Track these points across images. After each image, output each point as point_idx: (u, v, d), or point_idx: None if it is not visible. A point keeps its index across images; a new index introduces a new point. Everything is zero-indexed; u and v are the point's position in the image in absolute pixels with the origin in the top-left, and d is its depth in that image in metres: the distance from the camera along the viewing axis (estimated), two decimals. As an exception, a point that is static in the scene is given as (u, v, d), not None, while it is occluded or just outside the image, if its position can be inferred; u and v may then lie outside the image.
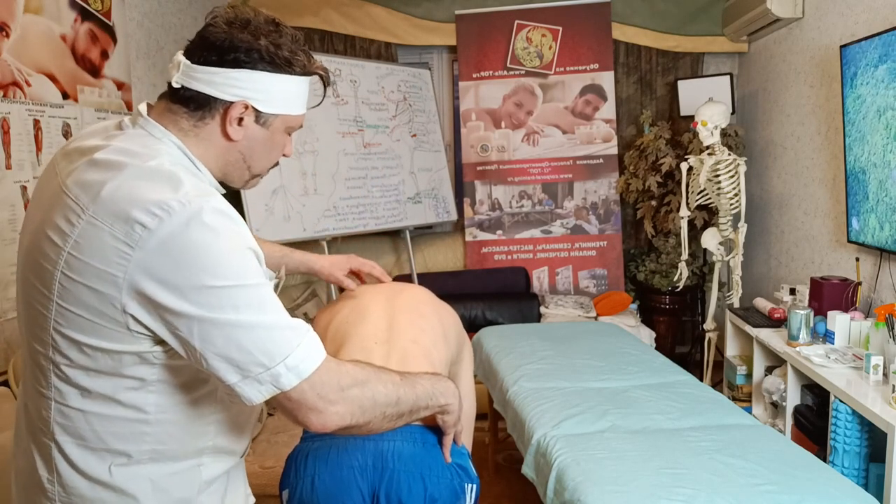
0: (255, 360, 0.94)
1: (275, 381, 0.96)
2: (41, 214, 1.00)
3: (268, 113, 1.07)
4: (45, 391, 1.01)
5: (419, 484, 1.39)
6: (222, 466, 1.12)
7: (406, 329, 1.58)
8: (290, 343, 0.96)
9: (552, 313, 4.11)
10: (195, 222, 0.92)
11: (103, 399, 0.99)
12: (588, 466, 1.80)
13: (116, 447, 1.01)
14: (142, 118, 1.05)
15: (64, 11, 2.75)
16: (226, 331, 0.93)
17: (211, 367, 0.94)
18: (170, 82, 1.05)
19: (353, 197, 4.08)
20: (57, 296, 0.95)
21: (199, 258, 0.92)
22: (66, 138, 2.71)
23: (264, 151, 1.11)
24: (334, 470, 1.39)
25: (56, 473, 1.02)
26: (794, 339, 2.87)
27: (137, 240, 0.91)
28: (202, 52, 1.03)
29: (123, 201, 0.92)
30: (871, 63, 2.84)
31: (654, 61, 4.65)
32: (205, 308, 0.92)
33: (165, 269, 0.91)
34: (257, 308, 0.95)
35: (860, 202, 2.96)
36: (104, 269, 0.92)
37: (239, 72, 1.02)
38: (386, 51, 4.67)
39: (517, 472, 2.20)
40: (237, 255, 0.95)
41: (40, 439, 1.03)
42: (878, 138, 2.80)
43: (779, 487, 1.66)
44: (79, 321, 0.95)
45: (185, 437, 1.05)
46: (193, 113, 1.04)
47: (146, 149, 1.00)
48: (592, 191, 4.61)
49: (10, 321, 2.37)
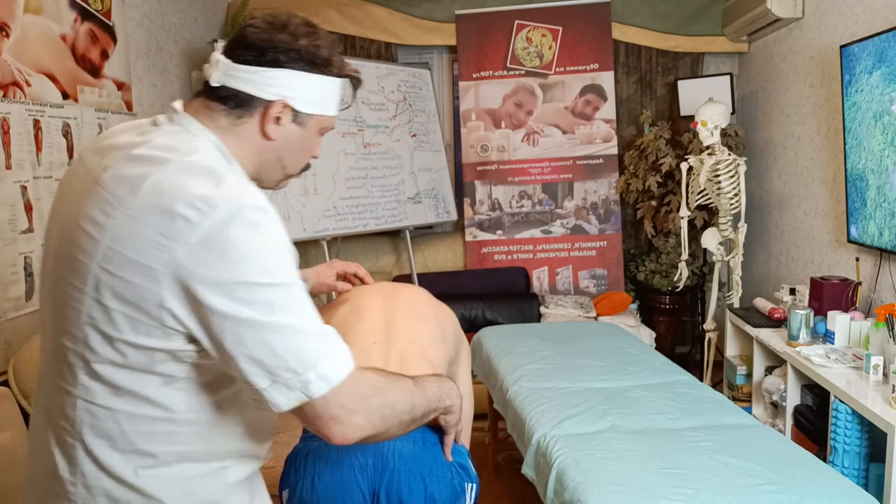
0: (286, 365, 0.93)
1: (304, 388, 0.95)
2: (72, 209, 0.99)
3: (304, 113, 1.08)
4: (71, 388, 0.99)
5: (419, 483, 1.39)
6: (247, 470, 1.12)
7: (404, 329, 1.58)
8: (321, 350, 0.96)
9: (552, 313, 4.11)
10: (238, 219, 0.92)
11: (132, 397, 0.97)
12: (588, 466, 1.80)
13: (143, 448, 0.99)
14: (179, 114, 1.06)
15: (64, 11, 2.75)
16: (259, 333, 0.92)
17: (241, 369, 0.93)
18: (207, 81, 1.06)
19: (353, 197, 4.08)
20: (92, 289, 0.94)
21: (239, 254, 0.91)
22: (66, 138, 2.71)
23: (299, 151, 1.13)
24: (335, 469, 1.39)
25: (80, 474, 1.00)
26: (794, 339, 2.87)
27: (179, 234, 0.90)
28: (242, 52, 1.04)
29: (166, 195, 0.92)
30: (865, 70, 2.84)
31: (654, 61, 4.65)
32: (241, 305, 0.91)
33: (205, 264, 0.90)
34: (291, 310, 0.95)
35: (858, 209, 2.96)
36: (143, 262, 0.91)
37: (279, 71, 1.04)
38: (386, 51, 4.67)
39: (517, 472, 2.20)
40: (277, 253, 0.95)
41: (64, 439, 1.01)
42: (876, 144, 2.80)
43: (779, 487, 1.66)
44: (113, 315, 0.94)
45: (211, 438, 1.04)
46: (232, 111, 1.05)
47: (185, 144, 1.01)
48: (592, 191, 4.61)
49: (10, 321, 2.37)
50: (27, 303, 2.45)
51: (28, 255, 2.46)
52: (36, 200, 2.51)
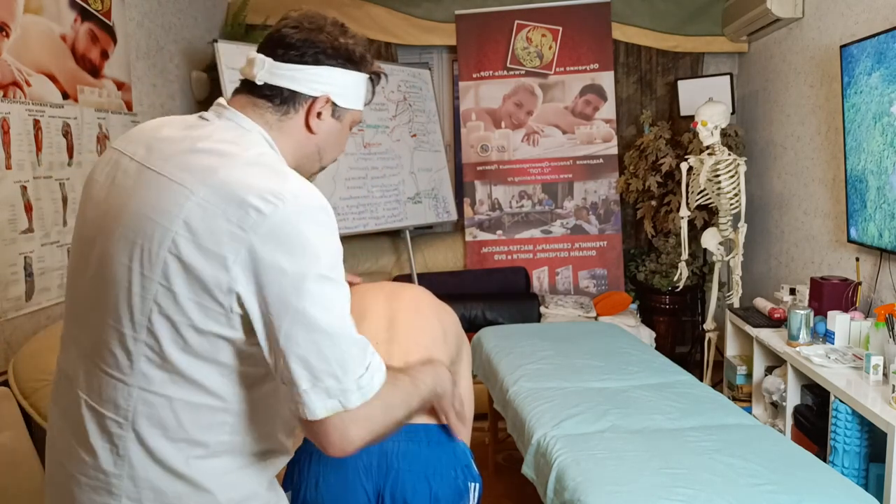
0: (330, 370, 0.96)
1: (343, 396, 0.97)
2: (128, 199, 1.02)
3: (343, 107, 1.15)
4: (126, 378, 1.00)
5: (424, 484, 1.39)
6: (281, 463, 1.16)
7: (406, 329, 1.59)
8: (362, 361, 0.99)
9: (552, 313, 4.11)
10: (306, 214, 0.97)
11: (190, 385, 1.00)
12: (588, 466, 1.80)
13: (196, 437, 1.01)
14: (229, 111, 1.10)
15: (64, 11, 2.75)
16: (311, 333, 0.95)
17: (288, 367, 0.96)
18: (249, 80, 1.11)
19: (353, 197, 4.08)
20: (160, 276, 0.96)
21: (306, 247, 0.95)
22: (66, 138, 2.71)
23: (335, 144, 1.20)
24: (338, 471, 1.39)
25: (129, 466, 1.01)
26: (794, 339, 2.87)
27: (252, 224, 0.94)
28: (283, 51, 1.09)
29: (237, 186, 0.96)
30: (864, 71, 2.84)
31: (654, 61, 4.65)
32: (301, 298, 0.94)
33: (275, 254, 0.94)
34: (340, 312, 0.98)
35: (858, 211, 2.96)
36: (215, 250, 0.95)
37: (321, 68, 1.10)
38: (386, 51, 4.67)
39: (517, 472, 2.20)
40: (336, 251, 1.00)
41: (110, 430, 1.02)
42: (875, 145, 2.80)
43: (779, 487, 1.66)
44: (181, 301, 0.96)
45: (258, 429, 1.07)
46: (279, 107, 1.10)
47: (242, 139, 1.06)
48: (592, 191, 4.61)
49: (10, 321, 2.37)
50: (27, 303, 2.45)
51: (28, 256, 2.46)
52: (36, 200, 2.51)
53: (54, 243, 2.59)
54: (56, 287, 2.60)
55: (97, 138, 2.92)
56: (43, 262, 2.53)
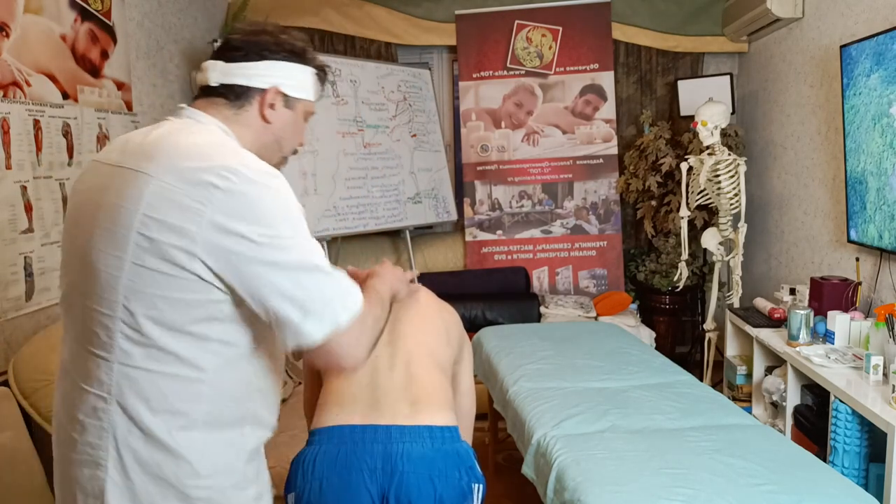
0: (316, 297, 1.08)
1: (334, 316, 1.09)
2: (101, 194, 1.12)
3: (293, 97, 1.26)
4: (108, 355, 1.09)
5: (428, 485, 1.39)
6: (260, 437, 1.23)
7: (410, 330, 1.59)
8: (341, 285, 1.13)
9: (552, 313, 4.11)
10: (259, 183, 1.08)
11: (167, 356, 1.08)
12: (588, 466, 1.80)
13: (176, 407, 1.09)
14: (188, 110, 1.22)
15: (64, 11, 2.75)
16: (291, 272, 1.07)
17: (276, 307, 1.07)
18: (204, 85, 1.23)
19: (353, 197, 4.08)
20: (132, 255, 1.06)
21: (265, 212, 1.07)
22: (66, 138, 2.71)
23: (292, 134, 1.30)
24: (343, 473, 1.39)
25: (112, 438, 1.09)
26: (794, 339, 2.87)
27: (210, 198, 1.05)
28: (232, 53, 1.23)
29: (193, 166, 1.07)
30: (863, 73, 2.85)
31: (654, 61, 4.65)
32: (274, 251, 1.06)
33: (236, 223, 1.05)
34: (312, 255, 1.10)
35: (858, 213, 2.96)
36: (180, 224, 1.04)
37: (267, 63, 1.23)
38: (386, 51, 4.67)
39: (517, 472, 2.20)
40: (294, 211, 1.11)
41: (96, 406, 1.10)
42: (874, 146, 2.80)
43: (779, 487, 1.66)
44: (153, 275, 1.06)
45: (236, 401, 1.15)
46: (234, 102, 1.22)
47: (196, 127, 1.18)
48: (592, 191, 4.61)
49: (10, 321, 2.37)
50: (27, 303, 2.45)
51: (28, 255, 2.46)
52: (36, 200, 2.51)
53: (54, 243, 2.59)
54: (56, 287, 2.60)
55: (97, 138, 2.92)
56: (43, 262, 2.53)
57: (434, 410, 1.48)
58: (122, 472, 1.09)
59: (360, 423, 1.44)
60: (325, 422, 1.46)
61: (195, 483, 1.11)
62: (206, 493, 1.12)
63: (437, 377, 1.55)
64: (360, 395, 1.48)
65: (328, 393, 1.51)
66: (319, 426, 1.47)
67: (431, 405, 1.49)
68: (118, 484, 1.09)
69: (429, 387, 1.51)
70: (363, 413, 1.46)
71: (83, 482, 1.12)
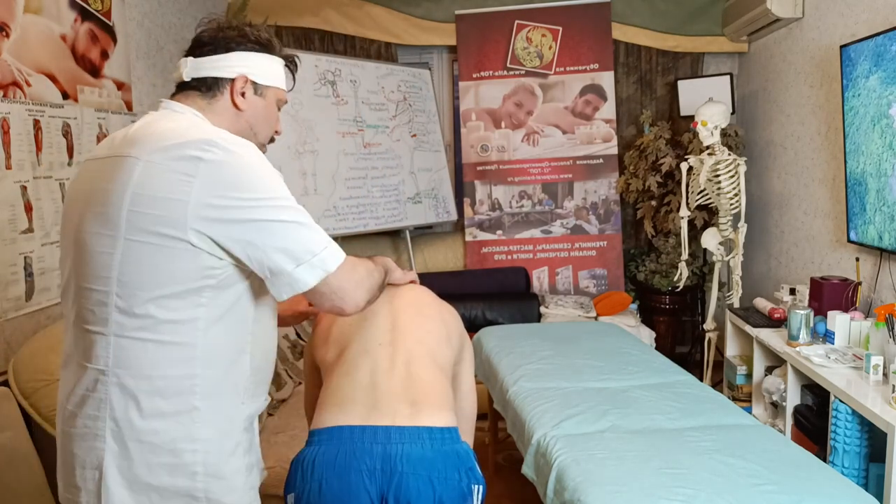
0: (306, 248, 1.19)
1: (323, 264, 1.20)
2: (91, 184, 1.20)
3: (263, 85, 1.35)
4: (103, 329, 1.17)
5: (428, 486, 1.39)
6: (256, 406, 1.31)
7: (410, 330, 1.58)
8: (324, 237, 1.23)
9: (552, 313, 4.11)
10: (239, 152, 1.17)
11: (159, 324, 1.16)
12: (588, 466, 1.80)
13: (170, 373, 1.17)
14: (164, 102, 1.31)
15: (64, 11, 2.75)
16: (279, 227, 1.17)
17: (270, 260, 1.17)
18: (181, 81, 1.32)
19: (353, 197, 4.08)
20: (125, 232, 1.14)
21: (251, 175, 1.16)
22: (66, 138, 2.71)
23: (265, 120, 1.38)
24: (342, 474, 1.39)
25: (109, 408, 1.16)
26: (794, 339, 2.87)
27: (196, 170, 1.13)
28: (202, 49, 1.32)
29: (176, 144, 1.15)
30: (861, 74, 2.85)
31: (654, 61, 4.65)
32: (261, 210, 1.15)
33: (224, 191, 1.13)
34: (296, 212, 1.20)
35: (857, 214, 2.96)
36: (170, 196, 1.12)
37: (234, 54, 1.32)
38: (386, 51, 4.67)
39: (517, 472, 2.20)
40: (276, 176, 1.21)
41: (95, 378, 1.18)
42: (874, 147, 2.80)
43: (779, 487, 1.66)
44: (144, 247, 1.13)
45: (228, 367, 1.23)
46: (206, 93, 1.31)
47: (174, 117, 1.26)
48: (592, 191, 4.61)
49: (10, 321, 2.37)
50: (27, 303, 2.45)
51: (28, 255, 2.46)
52: (36, 200, 2.51)
53: (54, 243, 2.59)
54: (56, 287, 2.60)
55: (97, 138, 2.92)
56: (43, 262, 2.53)
57: (434, 411, 1.47)
58: (119, 441, 1.16)
59: (359, 424, 1.44)
60: (325, 422, 1.46)
61: (191, 448, 1.18)
62: (202, 457, 1.19)
63: (438, 377, 1.55)
64: (359, 396, 1.48)
65: (328, 393, 1.51)
66: (319, 426, 1.46)
67: (431, 406, 1.48)
68: (115, 453, 1.16)
69: (429, 387, 1.51)
70: (363, 413, 1.45)
71: (82, 455, 1.19)
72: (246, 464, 1.27)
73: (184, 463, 1.17)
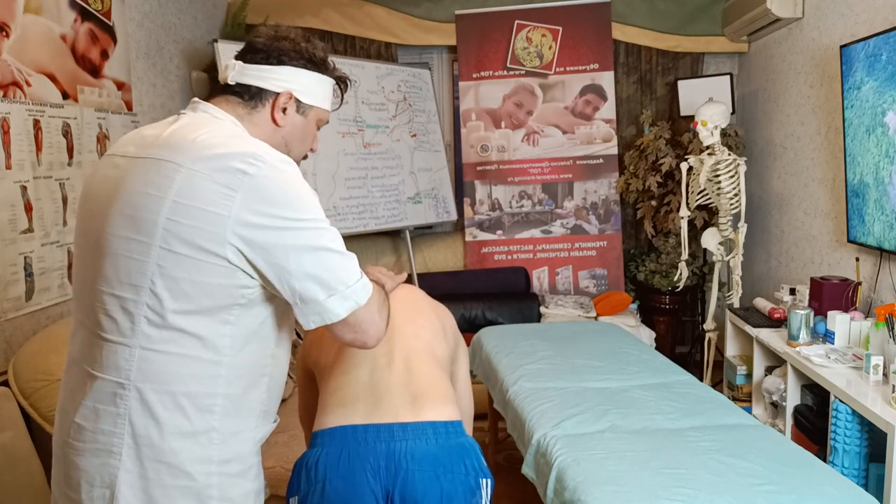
0: (339, 278, 1.16)
1: (355, 295, 1.17)
2: (120, 186, 1.15)
3: (306, 104, 1.31)
4: (127, 340, 1.12)
5: (434, 483, 1.38)
6: (266, 430, 1.29)
7: (406, 326, 1.58)
8: (356, 267, 1.20)
9: (552, 313, 4.11)
10: (283, 170, 1.14)
11: (187, 338, 1.12)
12: (588, 466, 1.80)
13: (194, 390, 1.13)
14: (202, 104, 1.26)
15: (64, 11, 2.75)
16: (315, 254, 1.14)
17: (302, 287, 1.14)
18: (222, 83, 1.28)
19: (353, 197, 4.08)
20: (160, 240, 1.10)
21: (290, 197, 1.13)
22: (66, 138, 2.71)
23: (301, 139, 1.35)
24: (346, 476, 1.38)
25: (129, 424, 1.11)
26: (794, 339, 2.87)
27: (238, 183, 1.10)
28: (252, 55, 1.28)
29: (220, 154, 1.11)
30: (854, 86, 2.85)
31: (654, 61, 4.65)
32: (300, 233, 1.12)
33: (264, 206, 1.10)
34: (333, 238, 1.17)
35: (856, 227, 2.96)
36: (210, 209, 1.09)
37: (284, 68, 1.27)
38: (386, 51, 4.67)
39: (517, 472, 2.20)
40: (312, 196, 1.17)
41: (114, 392, 1.12)
42: (870, 157, 2.80)
43: (779, 487, 1.66)
44: (181, 259, 1.10)
45: (247, 386, 1.20)
46: (248, 102, 1.27)
47: (214, 121, 1.22)
48: (592, 191, 4.61)
49: (10, 321, 2.37)
50: (27, 303, 2.45)
51: (28, 255, 2.46)
52: (36, 200, 2.51)
53: (54, 243, 2.59)
54: (56, 287, 2.60)
55: (97, 138, 2.92)
56: (43, 262, 2.53)
57: (436, 405, 1.46)
58: (135, 459, 1.11)
59: (361, 423, 1.43)
60: (327, 423, 1.45)
61: (206, 470, 1.14)
62: (216, 480, 1.16)
63: (437, 371, 1.54)
64: (360, 394, 1.47)
65: (328, 393, 1.51)
66: (321, 427, 1.46)
67: (433, 400, 1.47)
68: (130, 471, 1.11)
69: (429, 381, 1.50)
70: (365, 412, 1.44)
71: (91, 471, 1.13)
72: (255, 488, 1.25)
73: (199, 485, 1.14)
